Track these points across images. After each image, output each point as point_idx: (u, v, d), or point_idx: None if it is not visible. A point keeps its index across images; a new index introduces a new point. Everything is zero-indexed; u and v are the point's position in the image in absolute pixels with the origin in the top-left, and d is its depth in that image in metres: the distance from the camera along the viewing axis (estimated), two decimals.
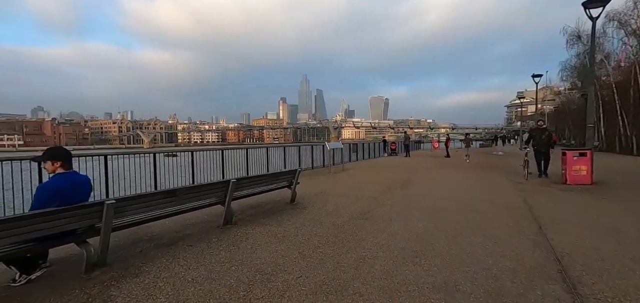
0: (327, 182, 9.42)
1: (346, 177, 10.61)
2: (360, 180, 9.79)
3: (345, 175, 11.30)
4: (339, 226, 4.79)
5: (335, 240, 4.15)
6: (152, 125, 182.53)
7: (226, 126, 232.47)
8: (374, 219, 5.19)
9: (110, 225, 3.12)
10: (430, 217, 5.27)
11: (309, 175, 10.94)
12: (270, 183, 5.70)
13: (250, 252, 3.73)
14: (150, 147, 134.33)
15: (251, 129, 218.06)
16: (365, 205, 6.26)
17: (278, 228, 4.67)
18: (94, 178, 6.16)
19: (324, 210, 5.83)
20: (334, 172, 11.87)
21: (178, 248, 3.85)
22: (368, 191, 7.82)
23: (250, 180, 5.23)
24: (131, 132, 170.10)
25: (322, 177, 10.56)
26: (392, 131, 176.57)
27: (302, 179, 9.62)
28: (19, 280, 2.85)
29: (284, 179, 6.12)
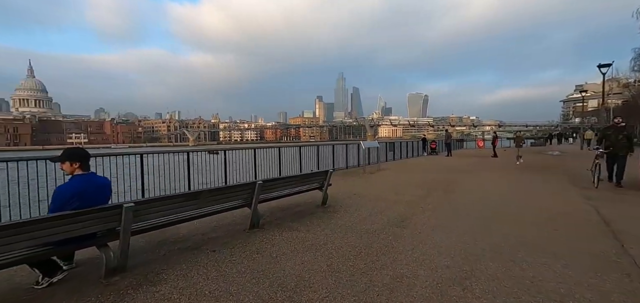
0: (361, 183, 8.93)
1: (382, 178, 10.03)
2: (398, 182, 9.16)
3: (381, 176, 10.71)
4: (373, 234, 4.33)
5: (368, 251, 3.70)
6: (196, 125, 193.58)
7: (264, 125, 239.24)
8: (413, 228, 4.64)
9: (129, 229, 2.98)
10: (480, 228, 4.60)
11: (342, 175, 10.52)
12: (299, 185, 5.39)
13: (274, 261, 3.43)
14: (194, 145, 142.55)
15: (288, 128, 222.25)
16: (403, 210, 5.70)
17: (306, 235, 4.33)
18: (131, 177, 6.38)
19: (357, 215, 5.39)
20: (369, 173, 11.33)
21: (201, 253, 3.67)
22: (406, 194, 7.22)
23: (278, 181, 4.95)
24: (178, 131, 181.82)
25: (356, 178, 10.08)
26: (432, 129, 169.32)
27: (336, 179, 9.25)
28: (41, 283, 2.80)
29: (315, 181, 5.77)
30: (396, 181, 9.37)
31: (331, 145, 12.26)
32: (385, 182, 9.13)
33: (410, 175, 10.70)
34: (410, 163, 15.99)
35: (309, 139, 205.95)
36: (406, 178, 10.03)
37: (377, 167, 12.84)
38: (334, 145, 12.34)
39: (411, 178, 9.88)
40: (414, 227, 4.66)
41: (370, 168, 12.54)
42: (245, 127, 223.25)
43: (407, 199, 6.67)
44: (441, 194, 7.30)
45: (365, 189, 7.92)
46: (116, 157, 6.09)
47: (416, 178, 10.03)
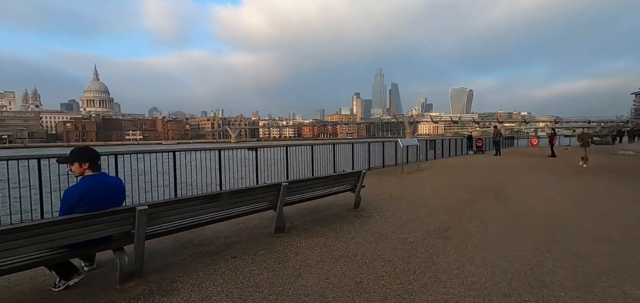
0: (398, 185, 8.29)
1: (421, 179, 9.27)
2: (439, 184, 8.37)
3: (421, 176, 9.93)
4: (410, 246, 3.79)
5: (404, 268, 3.20)
6: (237, 122, 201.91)
7: (302, 122, 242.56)
8: (459, 240, 4.02)
9: (143, 233, 2.81)
10: (546, 245, 3.84)
11: (378, 175, 9.93)
12: (329, 186, 4.99)
13: (296, 274, 3.07)
14: (235, 141, 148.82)
15: (325, 125, 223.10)
16: (446, 218, 5.05)
17: (335, 243, 3.92)
18: (164, 173, 6.44)
19: (392, 221, 4.86)
20: (407, 173, 10.59)
21: (221, 259, 3.43)
22: (449, 198, 6.49)
23: (306, 183, 4.60)
24: (221, 128, 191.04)
25: (393, 178, 9.44)
26: (477, 126, 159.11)
27: (371, 179, 8.71)
28: (58, 285, 2.73)
29: (347, 182, 5.34)
30: (438, 182, 8.57)
31: (367, 143, 11.68)
32: (425, 184, 8.39)
33: (454, 176, 9.79)
34: (454, 162, 14.82)
35: (346, 136, 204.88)
36: (449, 179, 9.17)
37: (416, 167, 12.02)
38: (370, 143, 11.75)
39: (455, 180, 9.01)
40: (460, 240, 4.03)
41: (409, 168, 11.76)
42: (283, 124, 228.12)
43: (451, 204, 5.97)
44: (492, 199, 6.46)
45: (403, 191, 7.29)
46: (150, 154, 6.17)
47: (461, 179, 9.13)
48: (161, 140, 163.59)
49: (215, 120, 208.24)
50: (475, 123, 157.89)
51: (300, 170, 9.14)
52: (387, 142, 12.90)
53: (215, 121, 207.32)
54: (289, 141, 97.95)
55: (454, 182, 8.60)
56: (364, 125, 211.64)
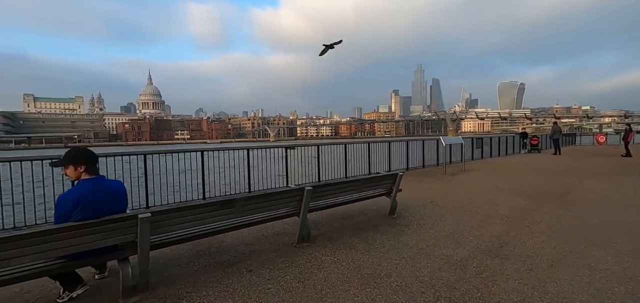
0: (440, 188, 7.46)
1: (467, 181, 8.29)
2: (489, 187, 7.38)
3: (466, 178, 8.92)
4: (457, 266, 3.14)
5: (450, 297, 2.58)
6: (276, 121, 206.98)
7: (339, 120, 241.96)
8: (520, 259, 3.27)
9: (147, 242, 2.53)
10: (636, 266, 2.97)
11: (417, 176, 9.11)
12: (360, 190, 4.45)
13: (317, 298, 2.61)
14: (274, 140, 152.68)
15: (362, 123, 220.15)
16: (501, 229, 4.26)
17: (365, 257, 3.40)
18: (192, 170, 6.35)
19: (434, 232, 4.20)
20: (450, 174, 9.62)
21: (236, 272, 3.08)
22: (503, 205, 5.59)
23: (333, 187, 4.11)
24: (260, 128, 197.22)
25: (434, 180, 8.58)
26: (529, 122, 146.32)
27: (409, 180, 7.98)
28: (62, 296, 2.55)
29: (381, 186, 4.76)
30: (487, 185, 7.58)
31: (405, 141, 10.87)
32: (473, 187, 7.45)
33: (506, 179, 8.64)
34: (505, 162, 13.33)
35: (384, 134, 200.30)
36: (500, 182, 8.09)
37: (460, 167, 10.92)
38: (408, 142, 10.91)
39: (508, 183, 7.91)
40: (522, 260, 3.28)
41: (452, 169, 10.73)
42: (320, 122, 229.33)
43: (506, 212, 5.10)
44: (555, 207, 5.44)
45: (446, 196, 6.49)
46: (178, 154, 6.12)
47: (515, 182, 8.01)
48: (206, 139, 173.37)
49: (255, 120, 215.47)
50: (528, 119, 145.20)
51: (333, 171, 8.67)
52: (427, 140, 11.92)
53: (255, 121, 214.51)
54: (321, 140, 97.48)
55: (507, 185, 7.54)
56: (402, 123, 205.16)
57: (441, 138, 10.04)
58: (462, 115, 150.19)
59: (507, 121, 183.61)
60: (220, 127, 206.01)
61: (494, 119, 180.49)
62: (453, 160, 12.73)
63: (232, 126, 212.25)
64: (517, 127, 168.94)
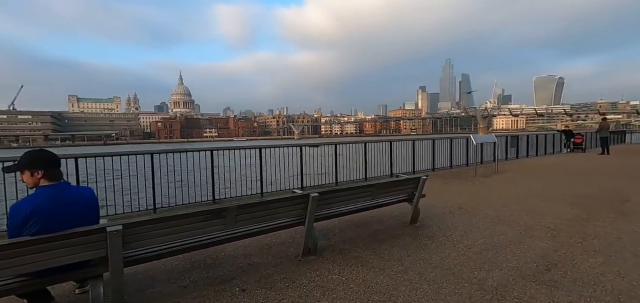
0: (470, 192, 6.71)
1: (502, 185, 7.44)
2: (529, 192, 6.53)
3: (500, 180, 8.04)
4: (493, 294, 2.55)
5: None
6: (301, 119, 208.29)
7: (363, 118, 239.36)
8: (574, 287, 2.61)
9: (120, 259, 2.19)
10: None
11: (444, 178, 8.35)
12: (377, 196, 3.91)
13: None
14: (299, 138, 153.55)
15: (387, 120, 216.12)
16: (546, 245, 3.57)
17: (378, 278, 2.88)
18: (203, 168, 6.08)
19: (462, 247, 3.58)
20: (482, 176, 8.76)
21: (227, 291, 2.68)
22: (547, 215, 4.81)
23: (345, 193, 3.59)
24: (285, 126, 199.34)
25: (464, 183, 7.80)
26: (569, 119, 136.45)
27: (435, 183, 7.30)
28: None
29: (401, 191, 4.19)
30: (525, 190, 6.72)
31: (431, 140, 10.08)
32: (508, 191, 6.63)
33: (547, 182, 7.68)
34: (544, 163, 12.10)
35: (410, 132, 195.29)
36: (541, 186, 7.17)
37: (493, 168, 9.98)
38: (434, 140, 10.12)
39: (550, 187, 6.99)
40: (577, 287, 2.62)
41: (484, 169, 9.81)
42: (345, 120, 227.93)
43: (551, 224, 4.34)
44: (612, 218, 4.59)
45: (477, 201, 5.76)
46: (187, 152, 5.88)
47: (558, 186, 7.06)
48: (232, 137, 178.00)
49: (280, 118, 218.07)
50: (568, 115, 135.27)
51: (352, 171, 8.15)
52: (456, 138, 11.04)
53: (280, 119, 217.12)
54: (342, 138, 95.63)
55: (549, 190, 6.64)
56: (430, 120, 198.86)
57: (471, 136, 9.18)
58: (494, 111, 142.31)
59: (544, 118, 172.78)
60: (246, 125, 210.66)
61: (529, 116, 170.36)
62: (484, 160, 11.73)
63: (257, 124, 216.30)
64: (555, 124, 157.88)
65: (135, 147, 48.03)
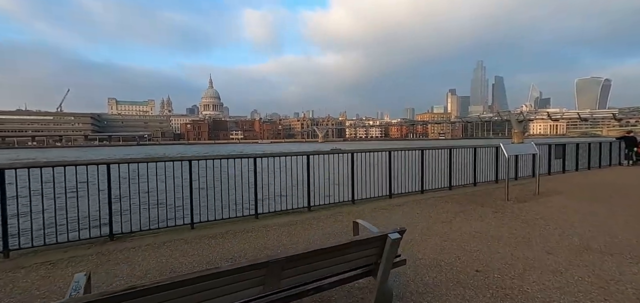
0: (497, 234, 4.42)
1: (548, 219, 5.08)
2: (593, 235, 4.17)
3: (544, 210, 5.63)
4: None
5: None
6: (325, 122, 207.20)
7: (389, 121, 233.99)
8: None
9: None
10: None
11: (461, 203, 6.09)
12: (300, 273, 1.91)
13: None
14: (322, 141, 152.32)
15: (413, 124, 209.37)
16: None
17: None
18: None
19: None
20: (516, 201, 6.37)
21: None
22: None
23: None
24: (309, 128, 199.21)
25: (487, 212, 5.50)
26: (618, 124, 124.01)
27: (446, 211, 5.15)
28: None
29: (350, 259, 2.15)
30: (590, 231, 4.34)
31: (448, 149, 7.76)
32: (560, 234, 4.29)
33: (622, 216, 5.20)
34: (603, 181, 9.31)
35: (438, 136, 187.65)
36: (615, 225, 4.74)
37: (532, 187, 7.46)
38: (451, 149, 7.77)
39: (631, 227, 4.57)
40: None
41: (520, 190, 7.38)
42: (370, 123, 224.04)
43: None
44: None
45: (509, 257, 3.54)
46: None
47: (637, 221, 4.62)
48: (257, 140, 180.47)
49: (304, 121, 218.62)
50: (615, 120, 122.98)
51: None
52: (481, 146, 8.59)
53: (304, 122, 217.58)
54: (362, 143, 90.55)
55: (633, 233, 4.24)
56: (459, 124, 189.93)
57: (502, 145, 6.72)
58: (530, 115, 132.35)
59: (588, 123, 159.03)
60: (271, 127, 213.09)
61: (570, 120, 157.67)
62: (521, 173, 9.23)
63: (282, 127, 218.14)
64: (601, 130, 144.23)
65: (168, 149, 48.00)
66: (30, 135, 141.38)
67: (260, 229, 4.55)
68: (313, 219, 5.03)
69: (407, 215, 5.18)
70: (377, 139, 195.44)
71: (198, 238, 4.17)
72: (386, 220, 4.99)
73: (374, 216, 5.18)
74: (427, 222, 4.77)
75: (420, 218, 4.99)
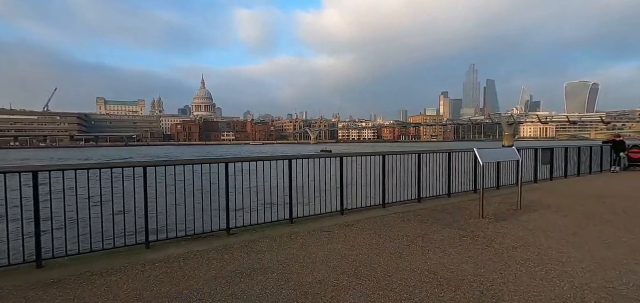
0: (459, 268, 3.24)
1: (532, 244, 3.92)
2: (592, 266, 3.06)
3: (526, 234, 4.47)
4: None
5: None
6: (317, 124, 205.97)
7: (381, 123, 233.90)
8: None
9: None
10: None
11: (427, 221, 4.94)
12: None
13: None
14: (314, 143, 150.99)
15: (405, 126, 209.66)
16: None
17: None
18: None
19: None
20: (493, 218, 5.23)
21: None
22: None
23: None
24: (301, 130, 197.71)
25: (453, 236, 4.32)
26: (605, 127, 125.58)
27: (405, 233, 3.90)
28: None
29: None
30: (587, 264, 3.23)
31: (417, 154, 6.58)
32: (549, 272, 3.15)
33: (622, 239, 4.11)
34: (596, 190, 8.27)
35: (430, 138, 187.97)
36: (618, 254, 3.64)
37: (515, 200, 6.29)
38: (420, 154, 6.58)
39: (627, 252, 3.46)
40: None
41: (499, 202, 6.27)
42: (362, 125, 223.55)
43: None
44: None
45: None
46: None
47: None
48: (249, 141, 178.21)
49: (297, 122, 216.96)
50: (604, 123, 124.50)
51: None
52: (458, 151, 7.39)
53: (297, 123, 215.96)
54: (377, 142, 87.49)
55: (629, 271, 3.14)
56: (451, 126, 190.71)
57: (476, 150, 5.51)
58: (521, 118, 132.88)
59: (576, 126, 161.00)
60: (263, 128, 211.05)
61: (560, 123, 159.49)
62: (504, 181, 8.16)
63: (274, 128, 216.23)
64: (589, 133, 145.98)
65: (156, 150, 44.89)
66: (13, 135, 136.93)
67: None
68: (213, 251, 3.82)
69: (350, 242, 4.00)
70: (370, 140, 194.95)
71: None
72: (316, 250, 3.75)
73: (305, 244, 3.97)
74: (370, 253, 3.59)
75: (363, 246, 3.81)
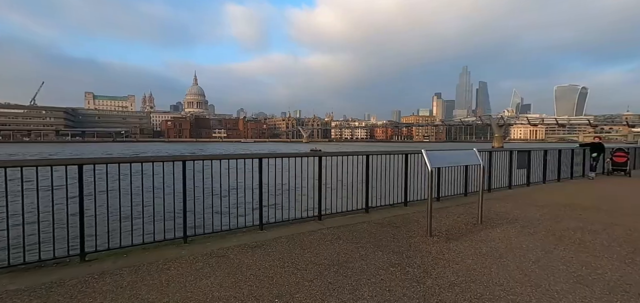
0: None
1: (478, 279, 2.99)
2: None
3: (479, 258, 3.55)
4: None
5: None
6: (310, 123, 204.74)
7: (374, 123, 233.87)
8: None
9: None
10: None
11: (353, 242, 3.99)
12: None
13: None
14: (307, 141, 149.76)
15: (398, 126, 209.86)
16: None
17: None
18: None
19: None
20: (442, 237, 4.31)
21: None
22: None
23: None
24: (294, 128, 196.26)
25: (381, 266, 3.36)
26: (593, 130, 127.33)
27: (318, 259, 2.92)
28: None
29: None
30: None
31: (364, 155, 5.61)
32: None
33: (596, 266, 3.22)
34: (574, 199, 7.44)
35: (423, 138, 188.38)
36: (595, 292, 2.74)
37: (476, 214, 5.34)
38: (368, 156, 5.61)
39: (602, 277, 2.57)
40: None
41: (461, 212, 5.36)
42: (355, 125, 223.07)
43: None
44: None
45: None
46: None
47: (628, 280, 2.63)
48: (241, 139, 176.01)
49: (290, 121, 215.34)
50: (591, 126, 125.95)
51: None
52: (412, 153, 6.41)
53: (290, 121, 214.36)
54: (370, 142, 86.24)
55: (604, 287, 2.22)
56: (443, 127, 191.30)
57: (424, 152, 4.50)
58: (511, 119, 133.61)
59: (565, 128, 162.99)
60: (256, 126, 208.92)
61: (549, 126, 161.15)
62: (471, 187, 7.27)
63: (267, 126, 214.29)
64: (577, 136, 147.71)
65: (145, 146, 43.39)
66: None
67: None
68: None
69: (240, 274, 3.01)
70: (363, 140, 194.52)
71: None
72: (193, 289, 2.78)
73: (184, 275, 2.97)
74: (250, 293, 2.62)
75: (250, 281, 2.84)
